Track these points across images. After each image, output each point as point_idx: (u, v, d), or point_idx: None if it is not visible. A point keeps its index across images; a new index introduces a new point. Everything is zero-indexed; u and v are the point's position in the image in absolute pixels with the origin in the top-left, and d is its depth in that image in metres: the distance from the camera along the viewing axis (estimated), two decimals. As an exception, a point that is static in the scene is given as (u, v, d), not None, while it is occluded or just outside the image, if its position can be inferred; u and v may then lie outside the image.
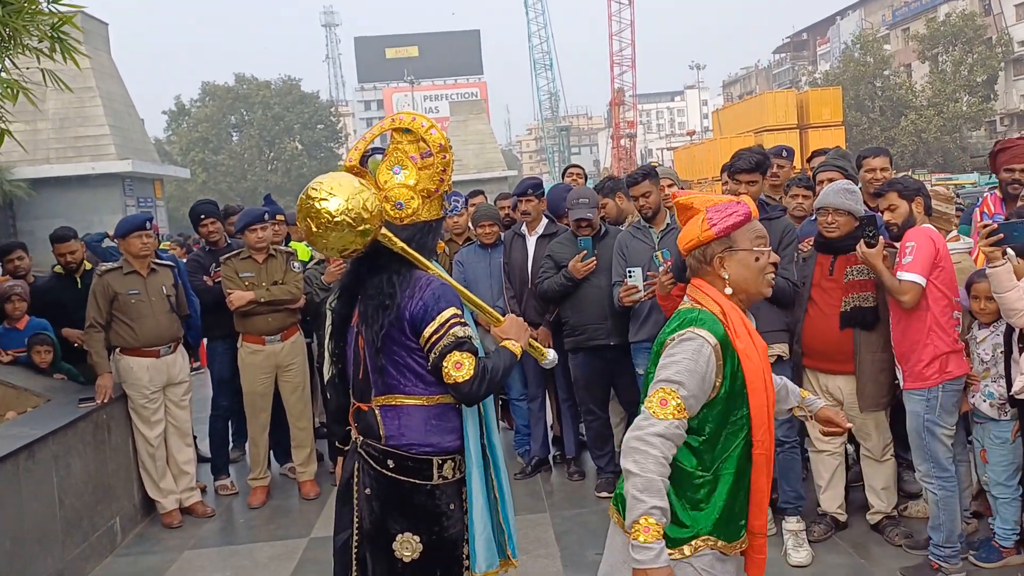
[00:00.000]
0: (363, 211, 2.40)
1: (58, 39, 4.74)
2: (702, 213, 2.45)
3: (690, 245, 2.46)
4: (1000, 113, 44.57)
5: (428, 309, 2.48)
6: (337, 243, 2.44)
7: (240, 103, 51.68)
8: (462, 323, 2.50)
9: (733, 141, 24.79)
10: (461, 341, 2.46)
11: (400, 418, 2.56)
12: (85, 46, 5.63)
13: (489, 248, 5.88)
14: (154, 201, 21.51)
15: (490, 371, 2.49)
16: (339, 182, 2.44)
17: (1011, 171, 4.59)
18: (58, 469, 4.51)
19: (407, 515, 2.56)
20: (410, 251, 2.56)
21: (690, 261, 2.49)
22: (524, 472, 5.84)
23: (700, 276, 2.48)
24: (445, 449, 2.57)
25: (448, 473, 2.58)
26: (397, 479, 2.55)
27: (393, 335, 2.52)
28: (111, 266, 5.35)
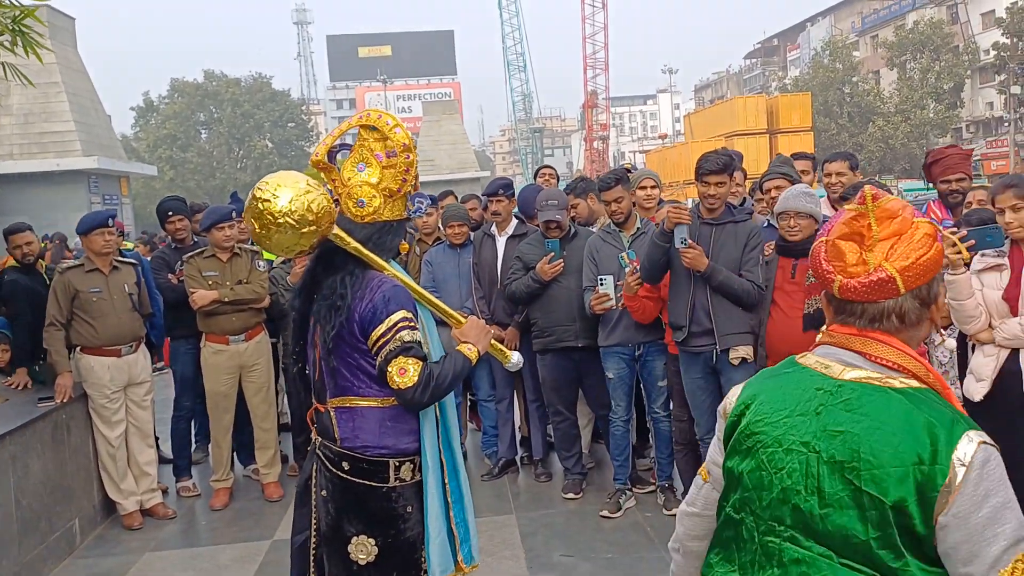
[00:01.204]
0: (307, 212, 2.39)
1: (20, 32, 4.66)
2: (922, 225, 1.57)
3: (923, 278, 1.55)
4: (966, 120, 45.28)
5: (377, 311, 2.45)
6: (281, 244, 2.45)
7: (209, 100, 51.13)
8: (411, 327, 2.46)
9: (704, 145, 24.98)
10: (408, 346, 2.43)
11: (355, 420, 2.54)
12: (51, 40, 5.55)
13: (458, 248, 5.87)
14: (120, 198, 21.23)
15: (436, 378, 2.44)
16: (284, 182, 2.43)
17: (947, 182, 4.69)
18: (15, 470, 4.42)
19: (362, 517, 2.53)
20: (364, 251, 2.53)
21: (908, 304, 1.56)
22: (491, 473, 5.83)
23: (903, 329, 1.57)
24: (402, 451, 2.54)
25: (406, 475, 2.55)
26: (352, 481, 2.53)
27: (345, 336, 2.49)
28: (72, 263, 5.26)
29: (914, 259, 1.54)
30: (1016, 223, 3.59)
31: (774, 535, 1.56)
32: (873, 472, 1.45)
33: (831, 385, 1.57)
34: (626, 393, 5.01)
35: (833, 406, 1.54)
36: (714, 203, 4.40)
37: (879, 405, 1.50)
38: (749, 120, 27.69)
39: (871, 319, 1.57)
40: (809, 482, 1.52)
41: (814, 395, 1.58)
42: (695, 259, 4.25)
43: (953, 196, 4.65)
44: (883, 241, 1.57)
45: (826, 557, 1.50)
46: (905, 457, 1.44)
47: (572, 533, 4.79)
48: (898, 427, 1.46)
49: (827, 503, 1.49)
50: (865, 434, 1.48)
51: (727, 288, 4.28)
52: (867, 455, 1.47)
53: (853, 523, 1.47)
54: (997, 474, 1.46)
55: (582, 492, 5.33)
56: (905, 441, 1.45)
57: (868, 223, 1.59)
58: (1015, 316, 3.61)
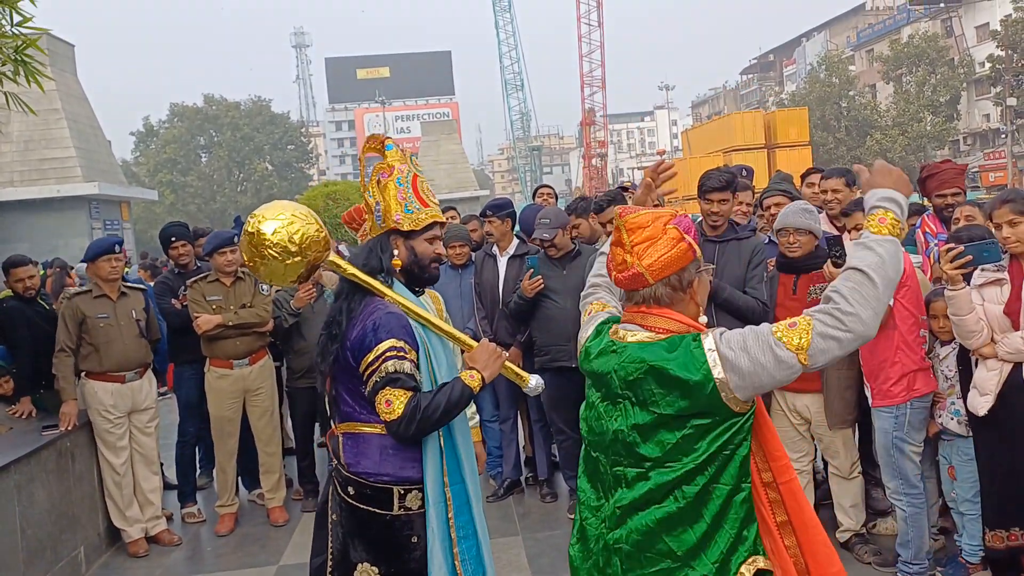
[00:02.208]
0: (289, 244, 2.42)
1: (22, 62, 4.70)
2: (670, 230, 2.09)
3: (667, 271, 2.08)
4: (963, 133, 45.44)
5: (366, 340, 2.44)
6: (271, 274, 2.48)
7: (209, 124, 51.38)
8: (398, 356, 2.42)
9: (702, 161, 25.02)
10: (393, 377, 2.40)
11: (358, 446, 2.53)
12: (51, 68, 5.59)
13: (460, 269, 5.88)
14: (121, 224, 21.29)
15: (423, 410, 2.39)
16: (269, 214, 2.46)
17: (943, 196, 4.71)
18: (20, 498, 4.41)
19: (366, 545, 2.51)
20: (360, 275, 2.53)
21: (660, 290, 2.10)
22: (496, 494, 5.81)
23: (669, 305, 2.12)
24: (406, 479, 2.50)
25: (412, 504, 2.51)
26: (357, 507, 2.51)
27: (342, 363, 2.49)
28: (80, 289, 5.28)
29: (656, 258, 2.08)
30: (1014, 238, 3.60)
31: (619, 466, 2.11)
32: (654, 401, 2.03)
33: (621, 349, 2.14)
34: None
35: (624, 361, 2.11)
36: (718, 220, 4.41)
37: (652, 352, 2.06)
38: (747, 135, 27.74)
39: (637, 301, 2.15)
40: (628, 423, 2.07)
41: (613, 356, 2.14)
42: None
43: (948, 210, 4.67)
44: (638, 245, 2.10)
45: (657, 465, 2.03)
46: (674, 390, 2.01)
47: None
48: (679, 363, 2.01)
49: (643, 432, 2.05)
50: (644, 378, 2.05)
51: (732, 305, 4.28)
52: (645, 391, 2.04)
53: (664, 436, 2.03)
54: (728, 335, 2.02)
55: None
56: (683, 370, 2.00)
57: (621, 236, 2.14)
58: (1016, 330, 3.61)
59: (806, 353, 1.95)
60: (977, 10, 45.74)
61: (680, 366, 2.00)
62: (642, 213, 2.14)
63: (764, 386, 1.99)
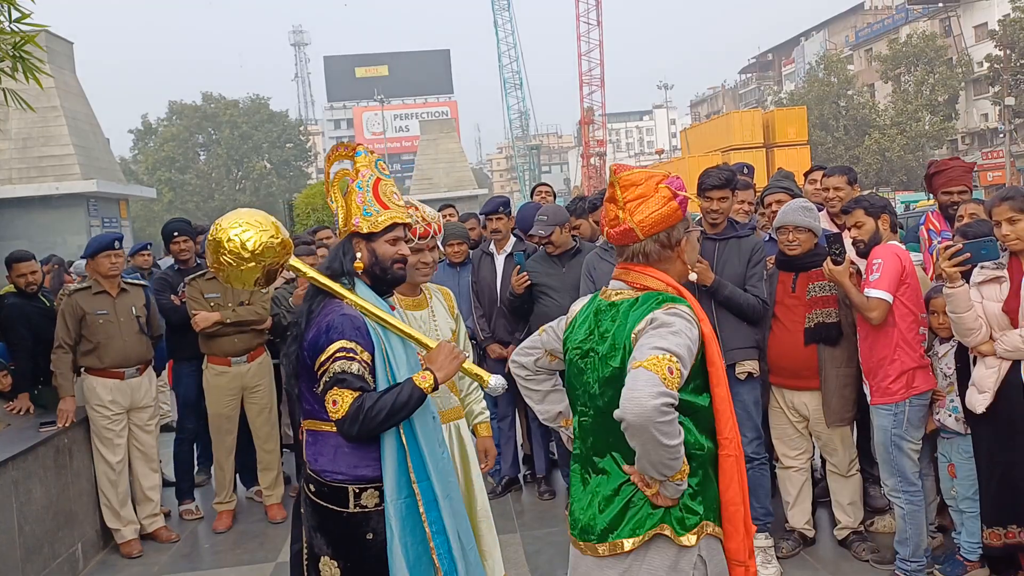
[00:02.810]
0: (242, 250, 2.51)
1: (20, 59, 4.69)
2: (661, 189, 2.19)
3: (657, 227, 2.21)
4: (961, 132, 45.48)
5: (319, 341, 2.50)
6: (230, 279, 2.59)
7: (207, 122, 51.37)
8: (348, 357, 2.46)
9: (701, 160, 25.04)
10: (340, 377, 2.44)
11: (317, 443, 2.58)
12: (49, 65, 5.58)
13: (458, 267, 5.88)
14: (119, 221, 21.25)
15: (367, 411, 2.42)
16: (226, 222, 2.58)
17: (949, 193, 4.72)
18: (18, 495, 4.41)
19: (326, 540, 2.56)
20: (319, 279, 2.61)
21: (649, 246, 2.26)
22: (494, 492, 5.81)
23: (656, 263, 2.26)
24: (361, 478, 2.53)
25: (368, 502, 2.53)
26: (317, 503, 2.57)
27: (303, 364, 2.55)
28: (80, 286, 5.27)
29: (647, 214, 2.21)
30: (1013, 235, 3.60)
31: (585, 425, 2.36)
32: (614, 350, 2.23)
33: (604, 308, 2.34)
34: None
35: (604, 318, 2.32)
36: (717, 218, 4.41)
37: (622, 312, 2.25)
38: (745, 134, 27.75)
39: (627, 257, 2.29)
40: (597, 368, 2.29)
41: (596, 314, 2.36)
42: (702, 273, 4.24)
43: (953, 208, 4.68)
44: (631, 202, 2.22)
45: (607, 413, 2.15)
46: (621, 338, 2.21)
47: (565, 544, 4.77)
48: (624, 324, 2.23)
49: (602, 376, 2.27)
50: (612, 333, 2.26)
51: (733, 303, 4.27)
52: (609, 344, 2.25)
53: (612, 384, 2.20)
54: (665, 319, 2.13)
55: None
56: (624, 330, 2.22)
57: (615, 192, 2.25)
58: (1015, 328, 3.62)
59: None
60: (975, 10, 45.81)
61: (633, 320, 2.19)
62: (635, 171, 2.27)
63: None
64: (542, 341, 2.63)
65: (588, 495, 2.32)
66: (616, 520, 2.23)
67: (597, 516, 2.27)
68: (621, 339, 2.22)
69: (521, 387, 2.68)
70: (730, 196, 4.43)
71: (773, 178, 5.20)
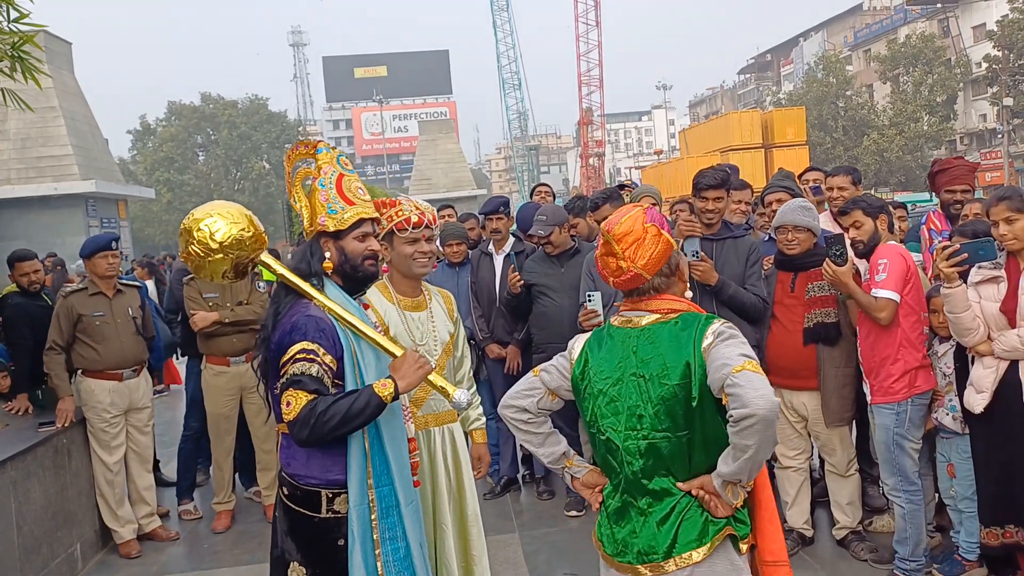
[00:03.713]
0: (210, 240, 2.48)
1: (19, 59, 4.69)
2: (649, 229, 2.36)
3: (659, 264, 2.37)
4: (960, 132, 45.52)
5: (282, 341, 2.44)
6: (199, 270, 2.55)
7: (206, 122, 51.33)
8: (308, 359, 2.38)
9: (700, 160, 25.03)
10: (296, 379, 2.37)
11: (290, 447, 2.52)
12: (48, 65, 5.57)
13: (457, 267, 5.88)
14: (118, 222, 21.27)
15: (318, 415, 2.33)
16: (198, 213, 2.54)
17: (952, 192, 4.72)
18: (16, 495, 4.41)
19: (296, 545, 2.51)
20: (289, 277, 2.54)
21: (657, 281, 2.38)
22: (493, 492, 5.82)
23: (664, 291, 2.40)
24: (332, 482, 2.47)
25: (341, 508, 2.47)
26: (289, 507, 2.52)
27: (271, 365, 2.50)
28: (76, 287, 5.26)
29: (648, 257, 2.36)
30: (1010, 235, 3.60)
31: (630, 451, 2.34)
32: (664, 371, 2.28)
33: (634, 333, 2.39)
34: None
35: (639, 342, 2.37)
36: (713, 218, 4.42)
37: (665, 332, 2.34)
38: (744, 135, 27.75)
39: (641, 294, 2.42)
40: (644, 393, 2.31)
41: (626, 341, 2.40)
42: (706, 272, 4.24)
43: (955, 207, 4.69)
44: (628, 250, 2.36)
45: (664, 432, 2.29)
46: (676, 358, 2.28)
47: (576, 551, 4.78)
48: (671, 343, 2.31)
49: (651, 400, 2.30)
50: (656, 353, 2.32)
51: (736, 302, 4.28)
52: (657, 365, 2.30)
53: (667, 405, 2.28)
54: (730, 332, 2.27)
55: (585, 510, 5.31)
56: (676, 349, 2.29)
57: (612, 247, 2.38)
58: (1013, 328, 3.62)
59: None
60: (974, 10, 45.85)
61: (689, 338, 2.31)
62: (622, 221, 2.39)
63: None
64: (543, 381, 2.54)
65: (639, 519, 2.34)
66: (679, 536, 2.28)
67: (657, 536, 2.29)
68: (680, 358, 2.26)
69: (521, 432, 2.62)
70: (725, 196, 4.45)
71: (774, 177, 5.21)
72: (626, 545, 2.35)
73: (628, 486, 2.37)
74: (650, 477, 2.32)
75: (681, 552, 2.26)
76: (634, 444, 2.33)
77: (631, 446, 2.34)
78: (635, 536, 2.33)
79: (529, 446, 2.67)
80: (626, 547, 2.35)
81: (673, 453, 2.28)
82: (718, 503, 2.25)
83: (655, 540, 2.29)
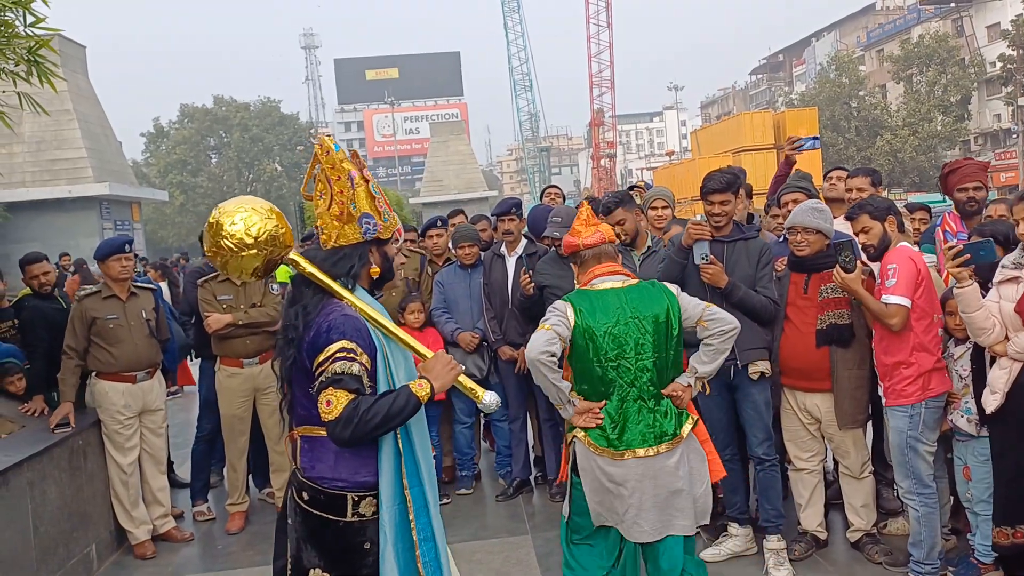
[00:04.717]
0: (245, 236, 2.43)
1: (35, 62, 4.72)
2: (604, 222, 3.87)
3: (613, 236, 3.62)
4: (974, 133, 45.26)
5: (319, 340, 2.42)
6: (227, 266, 2.50)
7: (219, 125, 51.62)
8: (348, 358, 2.38)
9: (712, 161, 24.99)
10: (337, 378, 2.36)
11: (314, 450, 2.50)
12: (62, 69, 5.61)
13: (469, 269, 5.89)
14: (132, 224, 21.39)
15: (362, 414, 2.33)
16: (230, 207, 2.48)
17: (964, 190, 4.70)
18: (33, 496, 4.44)
19: (319, 551, 2.48)
20: (319, 275, 2.51)
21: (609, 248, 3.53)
22: (506, 493, 5.82)
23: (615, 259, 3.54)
24: (360, 484, 2.47)
25: (366, 511, 2.47)
26: (311, 512, 2.49)
27: (300, 365, 2.47)
28: (90, 290, 5.29)
29: (605, 231, 3.55)
30: None
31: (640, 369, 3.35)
32: (655, 314, 3.33)
33: (620, 292, 3.39)
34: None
35: (628, 297, 3.37)
36: (720, 221, 4.40)
37: (642, 289, 3.41)
38: (756, 136, 27.71)
39: (599, 258, 3.50)
40: (642, 329, 3.33)
41: (616, 297, 3.37)
42: (716, 275, 4.24)
43: (970, 204, 4.66)
44: (593, 225, 3.56)
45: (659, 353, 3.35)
46: (659, 304, 3.36)
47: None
48: (651, 296, 3.39)
49: (649, 333, 3.33)
50: (645, 302, 3.36)
51: (747, 304, 4.27)
52: (649, 310, 3.34)
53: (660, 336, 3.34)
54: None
55: None
56: (657, 299, 3.38)
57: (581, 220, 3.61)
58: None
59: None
60: (988, 10, 45.59)
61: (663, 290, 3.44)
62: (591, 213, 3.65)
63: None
64: (557, 332, 3.27)
65: (650, 415, 3.34)
66: (674, 423, 3.35)
67: (666, 423, 3.33)
68: (662, 303, 3.35)
69: (549, 371, 3.26)
70: (732, 199, 4.40)
71: (791, 178, 5.19)
72: (644, 435, 3.30)
73: (640, 394, 3.34)
74: (655, 385, 3.35)
75: (677, 433, 3.34)
76: (643, 363, 3.32)
77: (641, 364, 3.32)
78: (652, 427, 3.31)
79: (556, 385, 3.31)
80: (645, 436, 3.30)
81: (664, 367, 3.36)
82: (683, 398, 3.38)
83: (667, 426, 3.33)
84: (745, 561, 4.50)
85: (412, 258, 6.30)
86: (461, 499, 5.86)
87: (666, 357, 3.34)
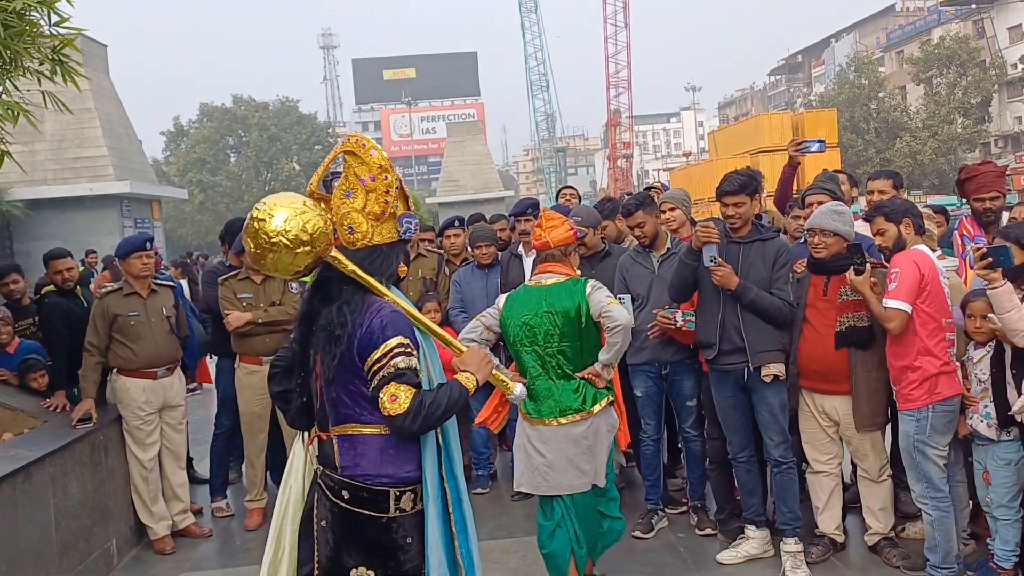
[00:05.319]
0: (302, 232, 2.39)
1: (59, 61, 4.78)
2: (566, 222, 4.08)
3: (561, 243, 4.00)
4: (994, 135, 44.83)
5: (374, 336, 2.43)
6: (276, 264, 2.44)
7: (238, 124, 51.87)
8: (407, 353, 2.42)
9: (729, 162, 24.86)
10: (401, 372, 2.39)
11: (356, 448, 2.51)
12: (84, 68, 5.65)
13: (486, 269, 5.91)
14: (152, 222, 21.51)
15: (428, 406, 2.39)
16: (280, 202, 2.42)
17: (981, 200, 4.66)
18: (55, 491, 4.49)
19: (361, 549, 2.50)
20: (361, 274, 2.52)
21: (556, 252, 4.01)
22: (522, 493, 5.81)
23: (559, 262, 4.02)
24: (403, 480, 2.50)
25: (406, 505, 2.51)
26: (351, 511, 2.50)
27: (346, 364, 2.47)
28: (111, 287, 5.34)
29: (555, 236, 3.99)
30: None
31: (549, 355, 3.93)
32: (566, 309, 3.87)
33: (543, 288, 3.95)
34: (655, 412, 4.98)
35: (547, 294, 3.92)
36: (735, 223, 4.40)
37: (563, 287, 3.92)
38: (774, 137, 27.49)
39: (544, 259, 4.05)
40: (553, 321, 3.89)
41: (538, 293, 3.95)
42: (725, 277, 4.24)
43: (987, 215, 4.63)
44: (549, 229, 4.01)
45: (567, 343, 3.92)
46: (571, 301, 3.88)
47: (605, 554, 4.76)
48: (567, 293, 3.89)
49: (558, 325, 3.88)
50: (559, 299, 3.89)
51: (758, 306, 4.26)
52: (561, 306, 3.88)
53: (569, 327, 3.89)
54: (598, 286, 3.98)
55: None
56: (570, 296, 3.89)
57: (542, 222, 4.06)
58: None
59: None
60: (1009, 11, 45.15)
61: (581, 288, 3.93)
62: (554, 215, 4.11)
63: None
64: (483, 323, 4.06)
65: (560, 390, 3.91)
66: (582, 399, 3.90)
67: (572, 399, 3.89)
68: (574, 299, 3.87)
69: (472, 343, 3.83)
70: (747, 201, 4.38)
71: (817, 179, 5.17)
72: (550, 405, 3.89)
73: (551, 374, 3.92)
74: (563, 368, 3.91)
75: (587, 408, 3.89)
76: (551, 349, 3.90)
77: (551, 350, 3.90)
78: (556, 401, 3.89)
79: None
80: (551, 407, 3.89)
81: (574, 354, 3.91)
82: (599, 380, 3.90)
83: (571, 401, 3.88)
84: (762, 564, 4.49)
85: (430, 257, 6.32)
86: (477, 499, 5.86)
87: (577, 345, 3.89)
